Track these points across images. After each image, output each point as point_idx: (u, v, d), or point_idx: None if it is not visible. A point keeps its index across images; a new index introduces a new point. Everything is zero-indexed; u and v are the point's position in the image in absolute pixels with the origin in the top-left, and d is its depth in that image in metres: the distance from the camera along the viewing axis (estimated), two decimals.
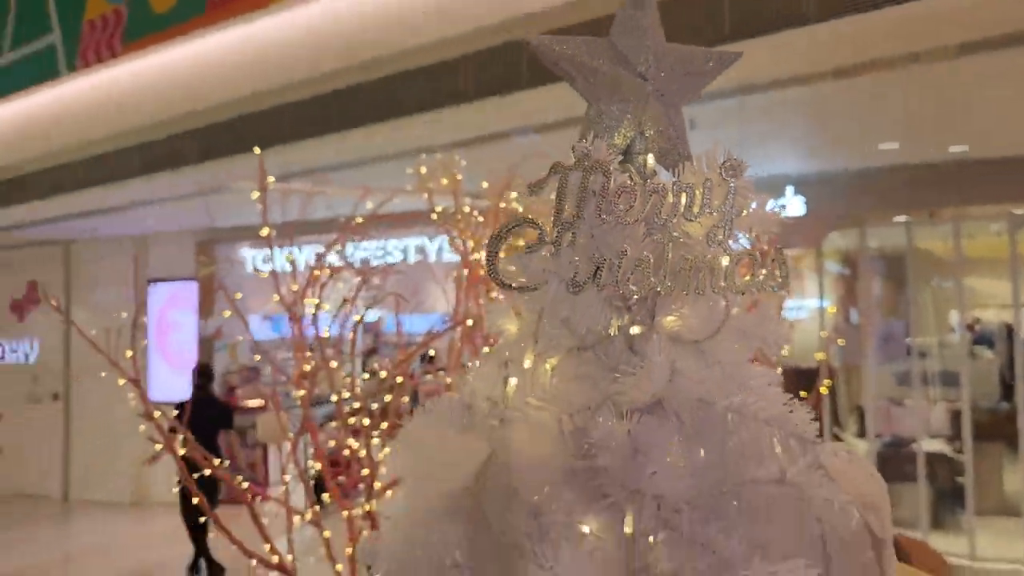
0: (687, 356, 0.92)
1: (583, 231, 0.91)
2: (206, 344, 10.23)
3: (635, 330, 0.93)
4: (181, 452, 2.95)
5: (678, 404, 0.88)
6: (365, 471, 2.75)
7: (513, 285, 0.91)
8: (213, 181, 7.38)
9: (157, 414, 3.18)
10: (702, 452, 0.85)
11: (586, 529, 0.81)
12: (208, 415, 7.09)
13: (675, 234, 0.93)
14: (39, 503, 10.44)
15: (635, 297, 0.92)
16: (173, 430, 3.11)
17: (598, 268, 0.90)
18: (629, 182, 0.91)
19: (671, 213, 0.92)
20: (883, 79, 4.35)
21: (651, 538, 0.82)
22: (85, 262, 11.01)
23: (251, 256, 11.04)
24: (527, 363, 0.94)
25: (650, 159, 1.00)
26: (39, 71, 7.92)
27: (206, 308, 10.26)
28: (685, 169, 0.98)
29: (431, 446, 0.90)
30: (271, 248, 2.92)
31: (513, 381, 0.93)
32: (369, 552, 0.92)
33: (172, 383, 10.31)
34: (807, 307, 8.26)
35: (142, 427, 3.10)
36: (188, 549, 7.35)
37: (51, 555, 8.68)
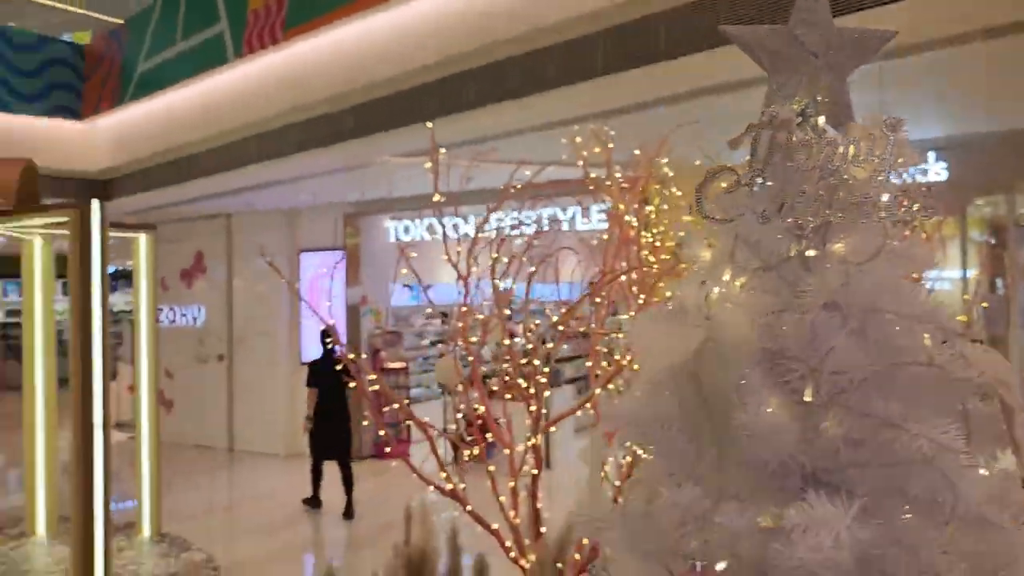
0: (853, 274, 1.19)
1: (771, 175, 1.20)
2: (353, 310, 10.98)
3: (810, 253, 1.22)
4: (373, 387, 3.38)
5: (846, 306, 1.16)
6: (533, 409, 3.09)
7: (716, 217, 1.22)
8: (362, 157, 7.93)
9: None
10: (866, 339, 1.12)
11: (774, 400, 1.11)
12: (337, 371, 8.02)
13: (844, 177, 1.21)
14: (207, 453, 11.54)
15: (811, 227, 1.21)
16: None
17: (782, 204, 1.20)
18: (807, 137, 1.19)
19: (841, 160, 1.20)
20: None
21: (825, 407, 1.10)
22: (244, 233, 11.97)
23: (393, 227, 11.72)
24: (725, 277, 1.24)
25: (821, 120, 1.27)
26: (208, 58, 8.70)
27: (352, 276, 10.99)
28: (850, 126, 1.25)
29: (658, 334, 1.22)
30: (440, 216, 3.26)
31: (716, 290, 1.23)
32: (610, 414, 1.25)
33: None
34: (949, 277, 8.08)
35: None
36: (332, 495, 8.23)
37: (218, 499, 9.65)
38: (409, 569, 2.45)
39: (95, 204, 5.00)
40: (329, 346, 8.47)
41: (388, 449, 4.30)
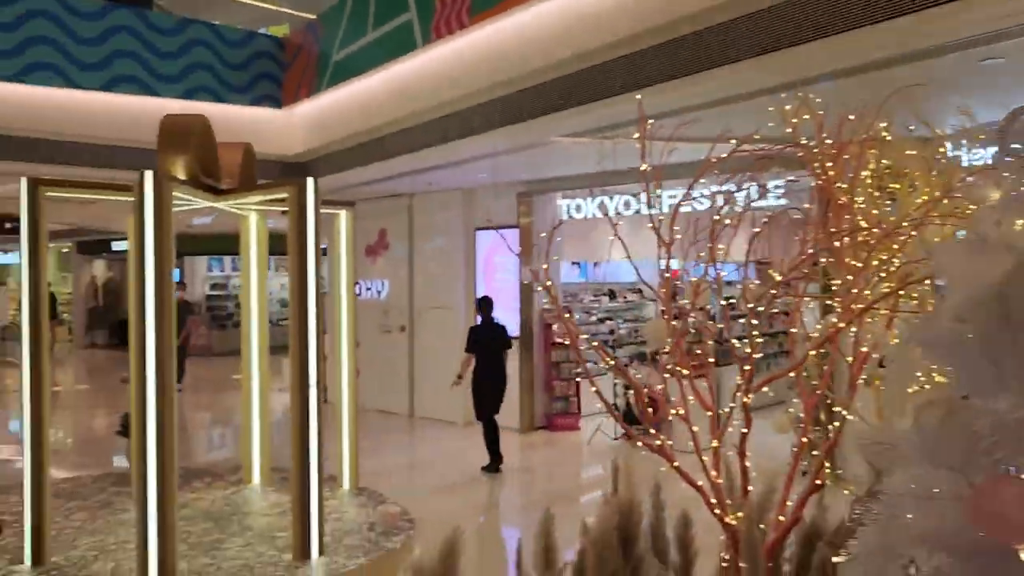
0: None
1: None
2: (525, 286, 11.31)
3: None
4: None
5: None
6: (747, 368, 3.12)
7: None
8: (538, 136, 8.14)
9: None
10: None
11: None
12: (493, 337, 9.15)
13: None
14: (391, 418, 12.29)
15: None
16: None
17: None
18: None
19: None
20: None
21: None
22: (424, 212, 12.57)
23: (564, 205, 11.93)
24: None
25: None
26: (398, 45, 9.20)
27: (526, 253, 11.31)
28: None
29: (964, 262, 1.30)
30: (647, 192, 3.35)
31: (1020, 222, 1.30)
32: (913, 334, 1.36)
33: (497, 318, 11.56)
34: None
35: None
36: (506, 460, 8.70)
37: (403, 460, 10.26)
38: (620, 517, 2.61)
39: (309, 181, 5.48)
40: (488, 316, 9.32)
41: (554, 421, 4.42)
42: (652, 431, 3.34)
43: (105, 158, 9.89)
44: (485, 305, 9.45)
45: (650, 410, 3.58)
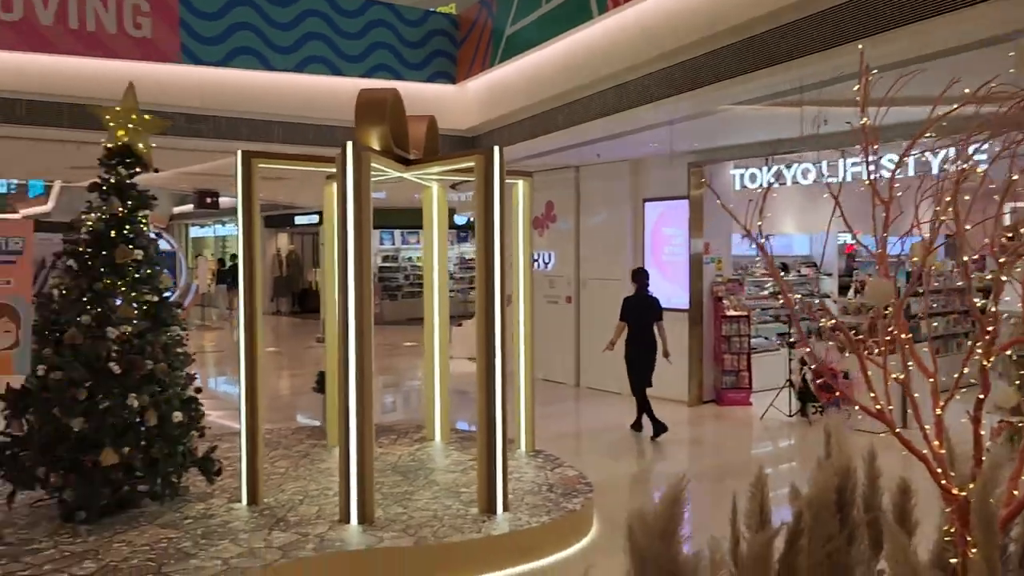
0: None
1: None
2: (695, 258, 11.12)
3: None
4: None
5: None
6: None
7: None
8: (711, 104, 7.92)
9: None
10: None
11: None
12: (645, 308, 9.38)
13: None
14: (556, 387, 12.48)
15: None
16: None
17: None
18: None
19: None
20: None
21: None
22: (590, 183, 12.59)
23: (738, 175, 11.60)
24: None
25: None
26: (572, 17, 9.21)
27: (695, 226, 11.11)
28: None
29: None
30: (865, 151, 3.19)
31: None
32: None
33: (665, 290, 11.47)
34: None
35: None
36: (668, 434, 8.66)
37: (567, 427, 10.40)
38: (838, 480, 2.55)
39: (496, 150, 5.64)
40: (642, 287, 9.52)
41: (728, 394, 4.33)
42: (839, 407, 3.25)
43: (298, 135, 10.57)
44: (639, 276, 9.65)
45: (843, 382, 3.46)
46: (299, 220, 26.28)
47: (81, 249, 5.55)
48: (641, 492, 7.56)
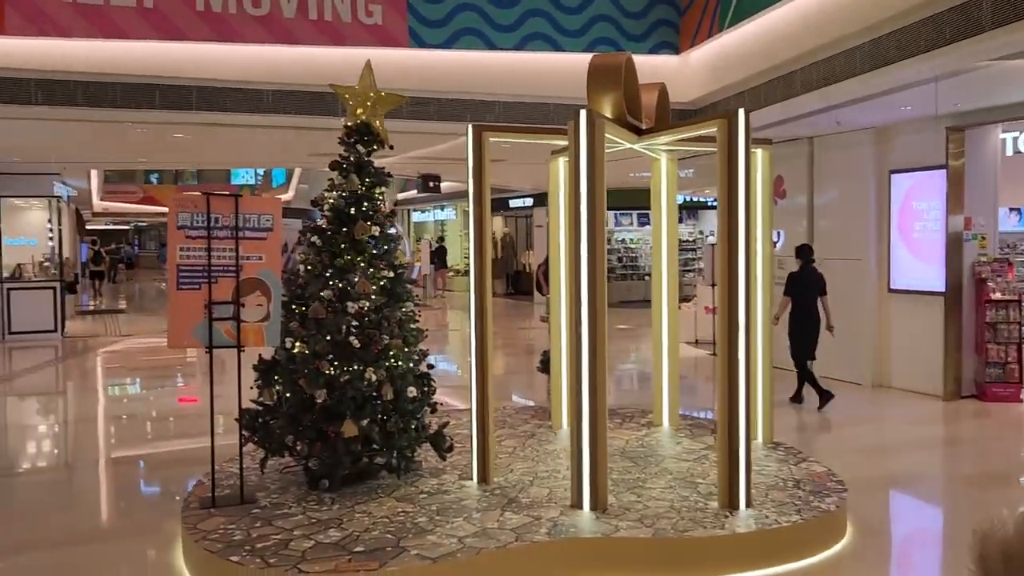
0: None
1: None
2: (954, 235, 9.87)
3: None
4: None
5: None
6: None
7: None
8: (987, 54, 6.85)
9: None
10: None
11: None
12: (809, 284, 9.40)
13: None
14: (784, 375, 11.59)
15: None
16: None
17: None
18: None
19: None
20: None
21: None
22: (826, 155, 11.56)
23: (1010, 139, 10.16)
24: None
25: None
26: None
27: (954, 198, 9.84)
28: None
29: None
30: None
31: None
32: None
33: (915, 271, 10.29)
34: None
35: None
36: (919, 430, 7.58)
37: (800, 418, 9.59)
38: None
39: (740, 113, 5.14)
40: (806, 263, 9.51)
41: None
42: None
43: (518, 114, 10.53)
44: (804, 252, 9.65)
45: None
46: (513, 203, 26.71)
47: (324, 225, 5.72)
48: (899, 496, 6.77)
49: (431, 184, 17.81)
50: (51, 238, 17.90)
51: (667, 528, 4.82)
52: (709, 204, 22.72)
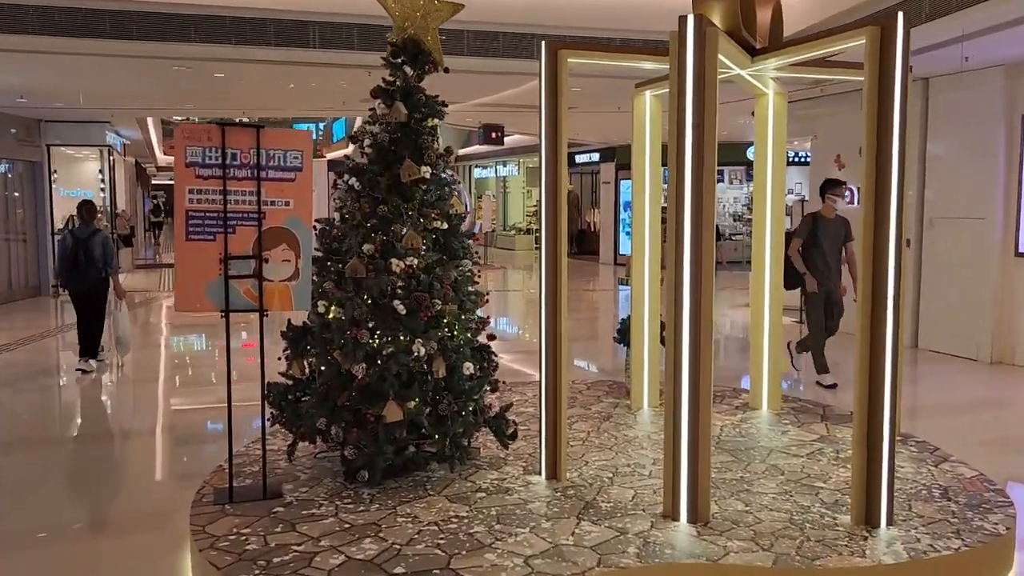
0: None
1: None
2: None
3: None
4: None
5: None
6: None
7: None
8: None
9: None
10: None
11: None
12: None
13: None
14: None
15: None
16: None
17: None
18: None
19: None
20: None
21: None
22: (944, 96, 10.10)
23: None
24: None
25: None
26: None
27: None
28: None
29: None
30: None
31: None
32: None
33: None
34: None
35: None
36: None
37: (917, 402, 8.35)
38: None
39: (900, 17, 3.93)
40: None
41: None
42: None
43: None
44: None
45: None
46: (579, 159, 25.46)
47: (364, 165, 4.73)
48: None
49: (494, 135, 16.71)
50: (103, 189, 17.44)
51: (790, 552, 3.77)
52: (793, 159, 21.08)
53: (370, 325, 4.49)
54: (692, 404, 4.05)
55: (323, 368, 4.66)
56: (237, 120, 4.29)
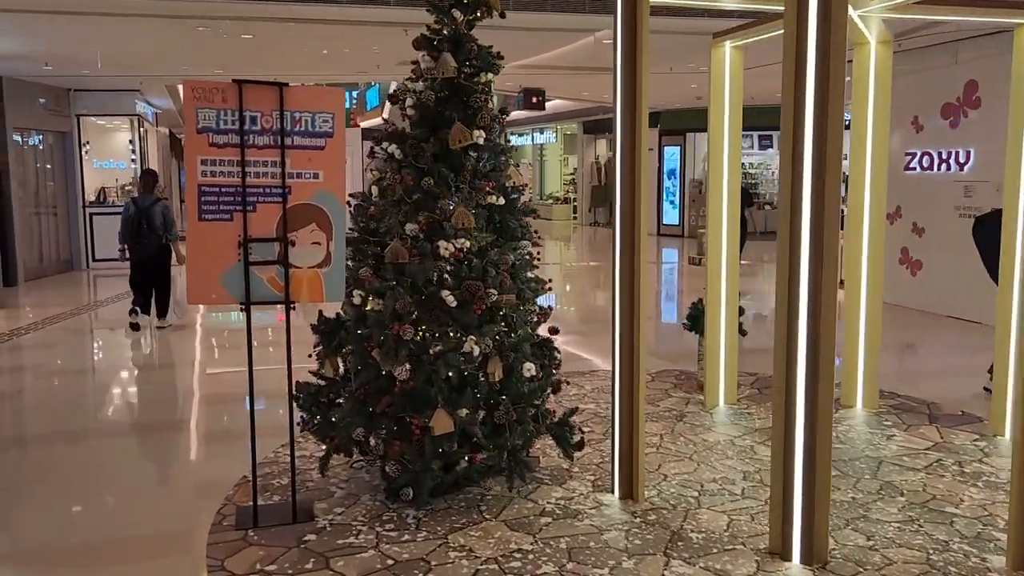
0: None
1: None
2: None
3: None
4: None
5: None
6: None
7: None
8: None
9: None
10: None
11: None
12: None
13: None
14: (959, 327, 9.41)
15: None
16: None
17: None
18: None
19: None
20: None
21: None
22: None
23: None
24: None
25: None
26: None
27: None
28: None
29: None
30: None
31: None
32: None
33: None
34: None
35: None
36: None
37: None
38: None
39: None
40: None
41: None
42: None
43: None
44: None
45: None
46: None
47: (405, 130, 4.00)
48: None
49: (534, 100, 15.84)
50: (133, 160, 16.93)
51: None
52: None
53: (414, 319, 3.81)
54: (809, 419, 3.31)
55: (360, 369, 3.99)
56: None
